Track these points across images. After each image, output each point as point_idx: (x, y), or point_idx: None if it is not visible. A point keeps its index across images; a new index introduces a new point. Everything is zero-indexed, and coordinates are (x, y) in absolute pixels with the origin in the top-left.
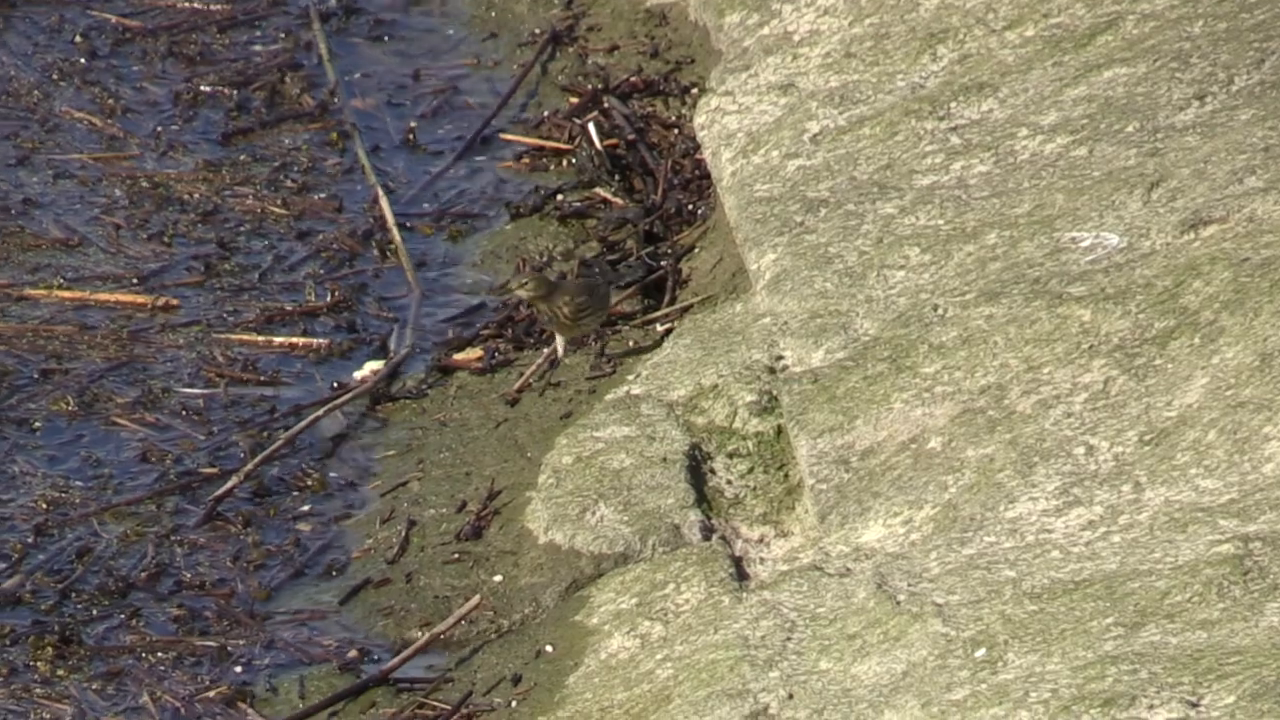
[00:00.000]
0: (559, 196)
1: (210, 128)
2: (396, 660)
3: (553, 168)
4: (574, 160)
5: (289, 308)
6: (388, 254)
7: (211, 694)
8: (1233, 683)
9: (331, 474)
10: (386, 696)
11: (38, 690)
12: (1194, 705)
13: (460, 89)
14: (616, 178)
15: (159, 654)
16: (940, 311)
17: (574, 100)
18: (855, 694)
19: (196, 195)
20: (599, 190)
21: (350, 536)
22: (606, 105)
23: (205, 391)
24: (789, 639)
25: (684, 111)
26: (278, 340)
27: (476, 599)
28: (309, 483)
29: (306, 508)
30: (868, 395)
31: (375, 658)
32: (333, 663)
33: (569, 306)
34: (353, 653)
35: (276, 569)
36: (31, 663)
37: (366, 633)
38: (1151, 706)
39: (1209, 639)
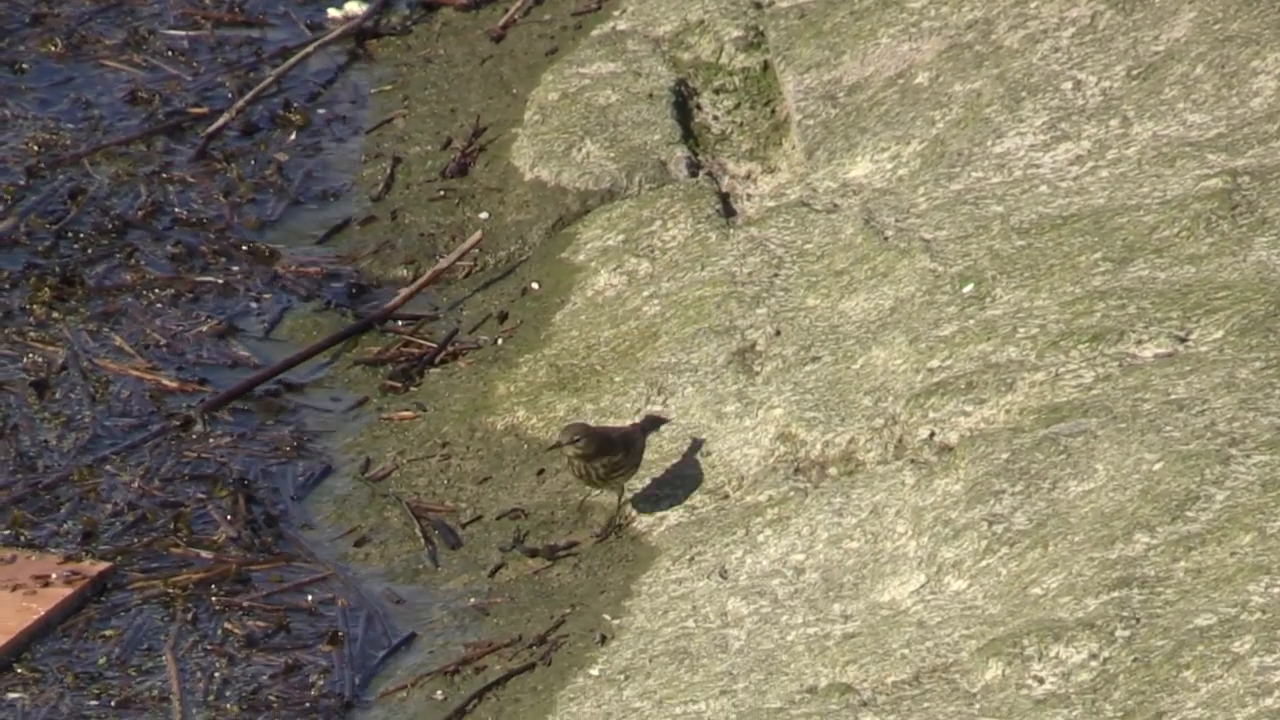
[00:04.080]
0: None
1: None
2: (398, 299)
3: None
4: None
5: None
6: None
7: (205, 329)
8: (1221, 317)
9: (319, 111)
10: (371, 335)
11: (31, 334)
12: (1182, 340)
13: None
14: None
15: (157, 291)
16: None
17: None
18: (843, 330)
19: None
20: None
21: (336, 175)
22: None
23: (191, 33)
24: (776, 275)
25: None
26: None
27: (478, 234)
28: (295, 120)
29: (294, 145)
30: (854, 30)
31: (364, 296)
32: (320, 300)
33: (605, 467)
34: (350, 289)
35: (270, 203)
36: (27, 306)
37: (353, 269)
38: (1140, 341)
39: (1197, 273)
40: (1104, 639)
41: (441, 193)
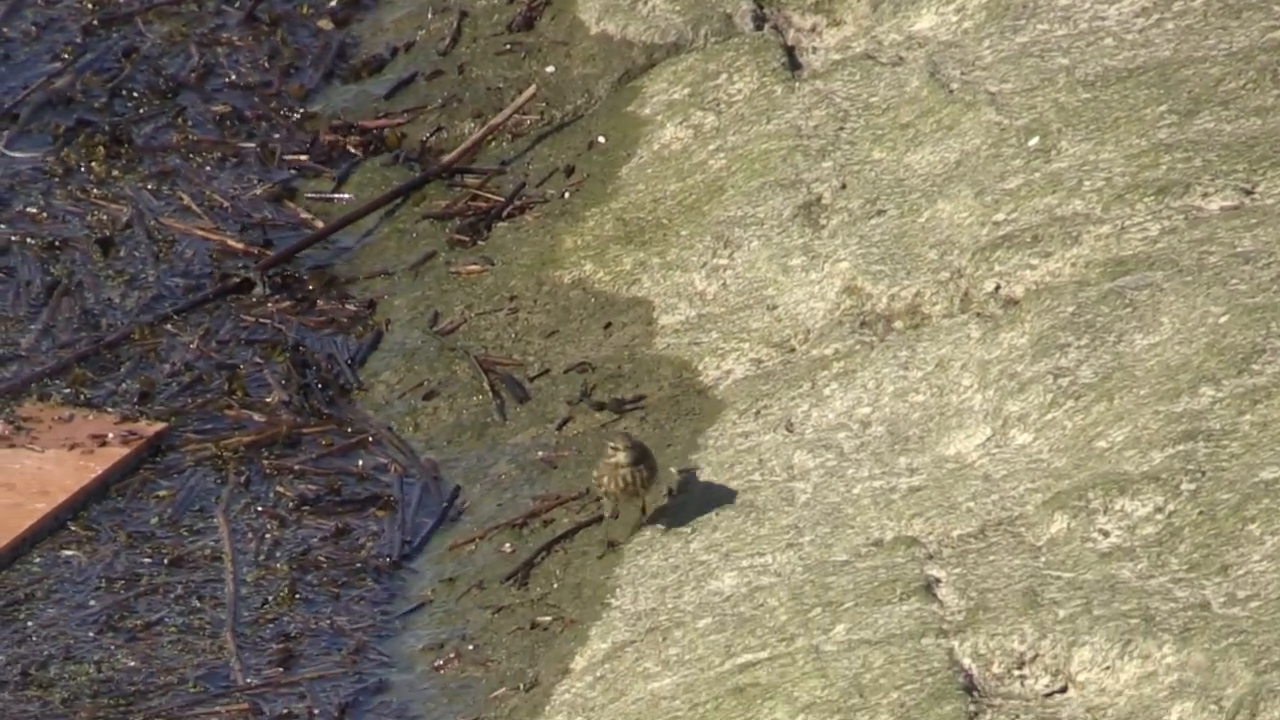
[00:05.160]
0: None
1: None
2: (455, 154)
3: None
4: None
5: None
6: None
7: (259, 191)
8: None
9: None
10: (439, 189)
11: (94, 191)
12: (1248, 192)
13: None
14: None
15: (204, 154)
16: None
17: None
18: (908, 183)
19: None
20: None
21: (398, 30)
22: None
23: None
24: (842, 129)
25: None
26: None
27: (532, 89)
28: None
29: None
30: None
31: (429, 148)
32: (383, 155)
33: (642, 474)
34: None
35: (309, 67)
36: (87, 163)
37: (418, 122)
38: (1206, 194)
39: (1263, 126)
40: (1169, 492)
41: (508, 46)
